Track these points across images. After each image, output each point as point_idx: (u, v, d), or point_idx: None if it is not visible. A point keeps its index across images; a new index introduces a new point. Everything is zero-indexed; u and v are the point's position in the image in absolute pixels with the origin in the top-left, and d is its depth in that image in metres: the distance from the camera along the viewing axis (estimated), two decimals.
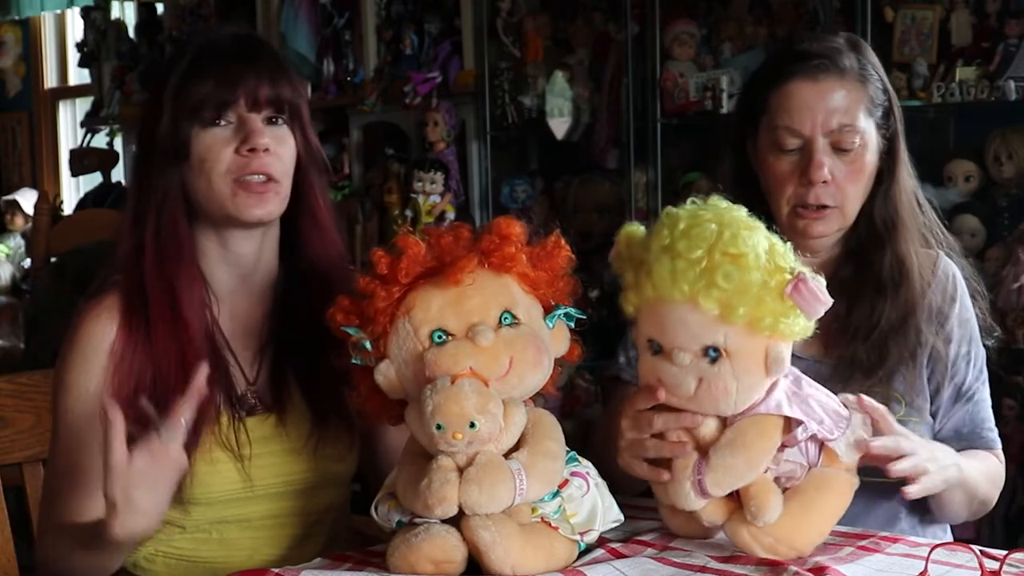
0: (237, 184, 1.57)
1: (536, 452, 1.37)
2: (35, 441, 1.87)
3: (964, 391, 1.81)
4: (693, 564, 1.45)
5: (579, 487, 1.43)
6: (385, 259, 1.41)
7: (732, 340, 1.40)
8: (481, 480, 1.32)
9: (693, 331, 1.40)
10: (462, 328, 1.38)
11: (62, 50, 6.76)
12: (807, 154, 1.75)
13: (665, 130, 3.72)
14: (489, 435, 1.34)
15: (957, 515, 1.79)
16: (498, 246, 1.41)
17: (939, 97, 3.19)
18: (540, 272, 1.44)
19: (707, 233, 1.40)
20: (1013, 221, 3.21)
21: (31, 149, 6.76)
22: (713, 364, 1.41)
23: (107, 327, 1.60)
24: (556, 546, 1.41)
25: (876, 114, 1.79)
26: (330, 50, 4.63)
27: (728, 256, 1.38)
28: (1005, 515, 3.06)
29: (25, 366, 3.40)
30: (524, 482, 1.34)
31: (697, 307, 1.39)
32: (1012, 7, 3.21)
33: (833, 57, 1.76)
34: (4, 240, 5.84)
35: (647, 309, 1.45)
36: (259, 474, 1.61)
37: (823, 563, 1.44)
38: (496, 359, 1.37)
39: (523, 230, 1.44)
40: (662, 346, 1.43)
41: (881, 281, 1.78)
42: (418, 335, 1.39)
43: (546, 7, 4.21)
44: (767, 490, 1.44)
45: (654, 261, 1.42)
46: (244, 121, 1.57)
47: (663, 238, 1.43)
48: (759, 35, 3.66)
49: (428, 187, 4.17)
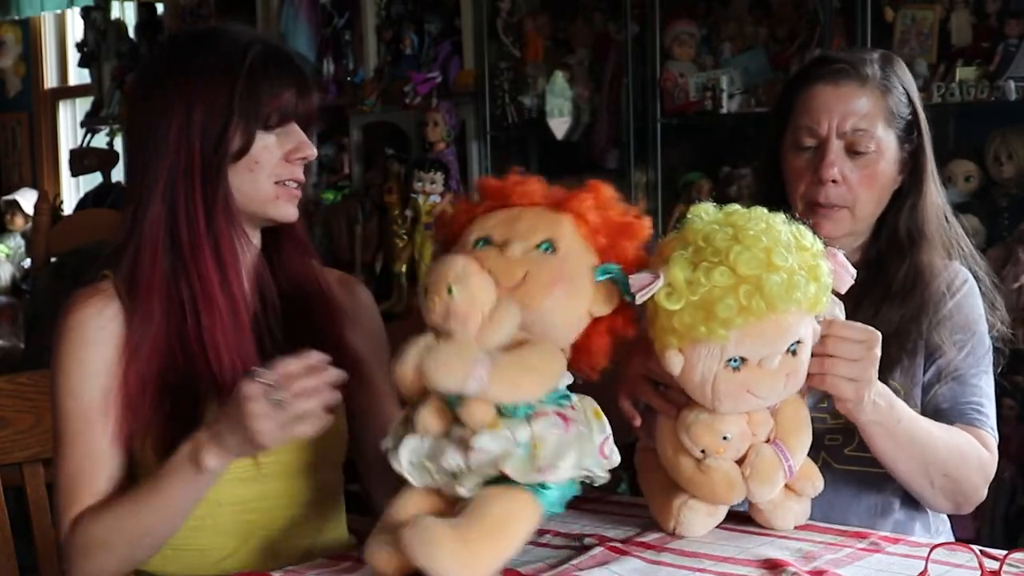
0: (279, 186, 1.65)
1: (514, 357, 1.37)
2: (35, 441, 1.87)
3: (950, 371, 1.81)
4: (692, 565, 1.46)
5: (554, 425, 1.37)
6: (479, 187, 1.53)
7: (806, 331, 1.47)
8: (438, 352, 1.35)
9: (788, 335, 1.44)
10: (503, 241, 1.42)
11: (62, 50, 6.76)
12: (821, 153, 1.82)
13: (665, 130, 3.72)
14: (464, 311, 1.35)
15: (911, 479, 1.72)
16: (571, 191, 1.47)
17: (939, 97, 3.19)
18: (603, 225, 1.46)
19: (783, 238, 1.43)
20: (1013, 221, 3.21)
21: (31, 149, 6.75)
22: (795, 356, 1.47)
23: (105, 312, 1.62)
24: (501, 543, 1.35)
25: (898, 125, 1.84)
26: (330, 50, 4.64)
27: (809, 252, 1.44)
28: (1005, 515, 3.05)
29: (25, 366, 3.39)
30: (484, 374, 1.33)
31: (797, 310, 1.43)
32: (1012, 7, 3.21)
33: (857, 65, 1.84)
34: (4, 240, 5.84)
35: (744, 328, 1.42)
36: (266, 453, 1.63)
37: (822, 566, 1.44)
38: (510, 270, 1.39)
39: (609, 192, 1.49)
40: (746, 359, 1.45)
41: (891, 288, 1.82)
42: (467, 240, 1.45)
43: (546, 7, 4.21)
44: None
45: (761, 283, 1.40)
46: (294, 130, 1.65)
47: (740, 262, 1.40)
48: (759, 35, 3.67)
49: (428, 187, 4.18)
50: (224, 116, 1.60)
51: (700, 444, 1.50)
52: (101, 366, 1.60)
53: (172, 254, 1.62)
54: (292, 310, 1.71)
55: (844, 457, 1.78)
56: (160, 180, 1.61)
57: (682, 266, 1.42)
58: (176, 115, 1.60)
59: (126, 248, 1.63)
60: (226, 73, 1.61)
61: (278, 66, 1.64)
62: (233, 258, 1.63)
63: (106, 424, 1.60)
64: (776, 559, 1.45)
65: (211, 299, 1.61)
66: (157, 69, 1.67)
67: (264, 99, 1.61)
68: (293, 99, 1.64)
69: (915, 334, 1.81)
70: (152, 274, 1.61)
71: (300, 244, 1.75)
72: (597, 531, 1.59)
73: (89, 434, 1.60)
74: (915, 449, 1.68)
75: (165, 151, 1.61)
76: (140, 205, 1.62)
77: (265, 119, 1.62)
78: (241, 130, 1.60)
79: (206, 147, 1.60)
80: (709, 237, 1.43)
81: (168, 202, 1.61)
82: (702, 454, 1.51)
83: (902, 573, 1.42)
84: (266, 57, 1.63)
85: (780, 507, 1.56)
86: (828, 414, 1.75)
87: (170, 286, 1.62)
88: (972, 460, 1.75)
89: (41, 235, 4.34)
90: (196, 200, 1.61)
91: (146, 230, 1.62)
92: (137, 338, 1.61)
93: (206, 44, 1.64)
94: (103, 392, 1.60)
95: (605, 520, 1.65)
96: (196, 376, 1.60)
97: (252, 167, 1.62)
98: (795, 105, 1.86)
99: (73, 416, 1.61)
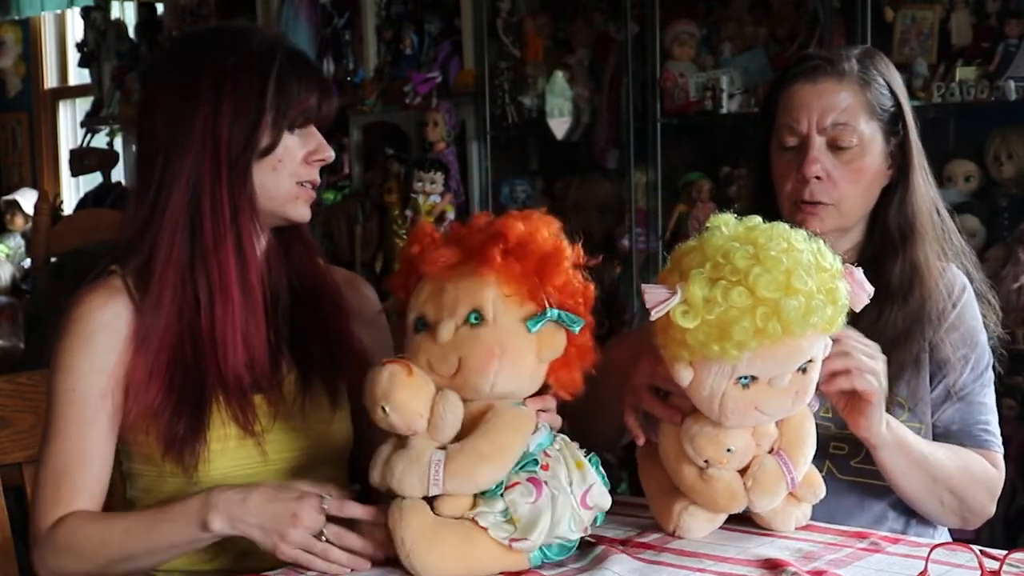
0: (299, 186, 1.67)
1: (465, 449, 1.39)
2: (35, 441, 1.87)
3: (957, 390, 1.81)
4: (692, 565, 1.45)
5: (526, 493, 1.40)
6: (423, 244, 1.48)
7: (818, 350, 1.46)
8: (395, 465, 1.39)
9: (800, 356, 1.44)
10: (437, 319, 1.41)
11: (62, 50, 6.76)
12: (803, 150, 1.80)
13: (665, 130, 3.72)
14: (403, 423, 1.39)
15: (917, 495, 1.73)
16: (481, 243, 1.42)
17: (939, 97, 3.19)
18: (525, 270, 1.41)
19: (804, 260, 1.42)
20: (1013, 221, 3.20)
21: (31, 149, 6.76)
22: (805, 374, 1.46)
23: (110, 308, 1.62)
24: (478, 550, 1.40)
25: (881, 118, 1.82)
26: (330, 50, 4.64)
27: (828, 274, 1.44)
28: (1005, 515, 3.06)
29: (25, 366, 3.39)
30: (440, 474, 1.37)
31: (812, 333, 1.43)
32: (1012, 7, 3.21)
33: (834, 61, 1.83)
34: (4, 240, 5.84)
35: (758, 350, 1.42)
36: (271, 447, 1.66)
37: (822, 566, 1.44)
38: (445, 358, 1.40)
39: (520, 228, 1.42)
40: (757, 378, 1.44)
41: (891, 288, 1.80)
42: (408, 318, 1.45)
43: (546, 7, 4.21)
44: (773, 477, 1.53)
45: (779, 307, 1.39)
46: (313, 132, 1.67)
47: (760, 284, 1.39)
48: (759, 35, 3.66)
49: (428, 187, 4.18)
50: (255, 113, 1.61)
51: (703, 455, 1.50)
52: (102, 365, 1.61)
53: (191, 244, 1.62)
54: (300, 307, 1.72)
55: (850, 468, 1.78)
56: (184, 170, 1.61)
57: (701, 284, 1.40)
58: (204, 104, 1.60)
59: (142, 237, 1.63)
60: (259, 71, 1.62)
61: (306, 69, 1.67)
62: (253, 252, 1.64)
63: (99, 424, 1.60)
64: (776, 559, 1.45)
65: (227, 291, 1.61)
66: (183, 60, 1.66)
67: (293, 100, 1.63)
68: (317, 102, 1.65)
69: (920, 339, 1.79)
70: (168, 262, 1.62)
71: (307, 243, 1.77)
72: (597, 531, 1.59)
73: (81, 432, 1.60)
74: (924, 469, 1.70)
75: (189, 141, 1.61)
76: (160, 193, 1.62)
77: (292, 120, 1.63)
78: (270, 129, 1.62)
79: (234, 141, 1.61)
80: (729, 254, 1.41)
81: (192, 192, 1.61)
82: (705, 464, 1.50)
83: (902, 573, 1.42)
84: (293, 59, 1.65)
85: (781, 513, 1.56)
86: (833, 423, 1.75)
87: (185, 277, 1.62)
88: (980, 479, 1.77)
89: (41, 235, 4.33)
90: (222, 192, 1.61)
91: (167, 218, 1.62)
92: (146, 329, 1.61)
93: (238, 41, 1.64)
94: (100, 392, 1.60)
95: (605, 520, 1.64)
96: (204, 370, 1.61)
97: (276, 166, 1.64)
98: (777, 106, 1.85)
99: (67, 412, 1.61)
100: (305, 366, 1.71)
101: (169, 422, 1.60)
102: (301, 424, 1.69)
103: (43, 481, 1.62)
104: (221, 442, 1.63)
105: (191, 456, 1.60)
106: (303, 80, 1.64)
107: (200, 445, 1.61)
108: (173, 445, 1.60)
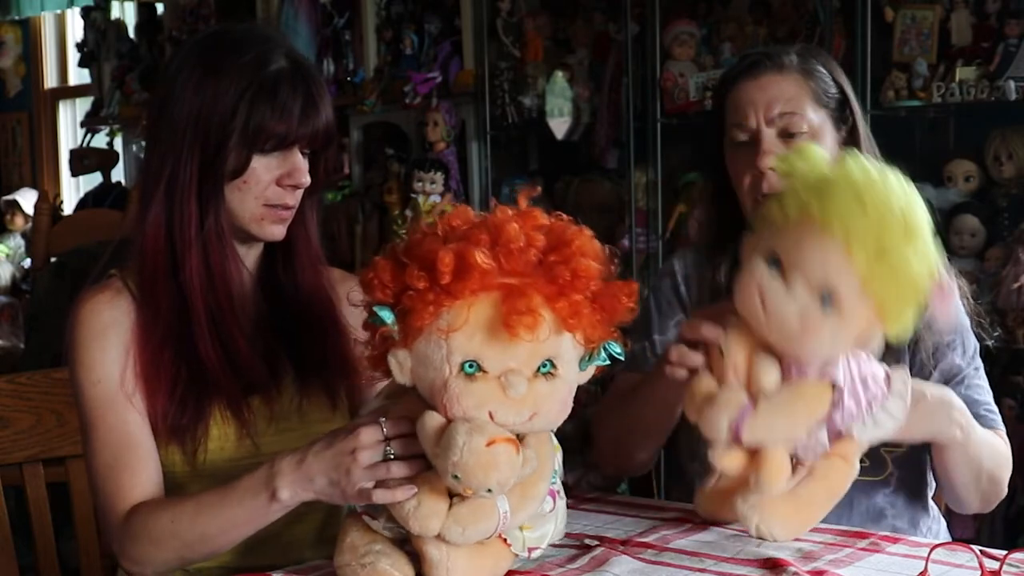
0: (267, 207, 1.64)
1: (527, 495, 1.36)
2: (35, 441, 1.87)
3: (954, 374, 1.82)
4: (692, 565, 1.46)
5: (548, 503, 1.41)
6: (449, 267, 1.31)
7: (849, 292, 1.40)
8: (466, 522, 1.33)
9: (822, 267, 1.40)
10: (497, 369, 1.30)
11: (62, 50, 6.76)
12: (755, 144, 1.82)
13: (665, 130, 3.72)
14: (499, 492, 1.32)
15: (965, 488, 1.75)
16: (572, 304, 1.32)
17: (939, 97, 3.18)
18: (594, 318, 1.35)
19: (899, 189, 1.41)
20: (1013, 221, 3.20)
21: (31, 149, 6.76)
22: (821, 308, 1.42)
23: (117, 303, 1.64)
24: (502, 563, 1.41)
25: (828, 106, 1.84)
26: (330, 50, 4.64)
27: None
28: (1005, 515, 3.06)
29: (25, 366, 3.40)
30: (507, 522, 1.35)
31: (847, 248, 1.39)
32: (1012, 7, 3.20)
33: (773, 56, 1.86)
34: (4, 240, 5.84)
35: (792, 228, 1.43)
36: (268, 449, 1.64)
37: (822, 566, 1.44)
38: (519, 411, 1.31)
39: (599, 265, 1.34)
40: (783, 266, 1.42)
41: None
42: (450, 359, 1.31)
43: (546, 7, 4.21)
44: (779, 467, 1.46)
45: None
46: (292, 155, 1.64)
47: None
48: (759, 35, 3.66)
49: (428, 187, 4.18)
50: (221, 136, 1.60)
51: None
52: (121, 351, 1.62)
53: (170, 251, 1.63)
54: (301, 312, 1.72)
55: None
56: (163, 179, 1.62)
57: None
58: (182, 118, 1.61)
59: (133, 240, 1.65)
60: (235, 92, 1.60)
61: (289, 91, 1.61)
62: (221, 264, 1.63)
63: (134, 408, 1.61)
64: (776, 559, 1.45)
65: (194, 302, 1.62)
66: (181, 59, 1.66)
67: (263, 126, 1.60)
68: (292, 128, 1.61)
69: None
70: (155, 265, 1.63)
71: (313, 252, 1.75)
72: (597, 531, 1.59)
73: (119, 417, 1.61)
74: (973, 463, 1.73)
75: (170, 153, 1.62)
76: (144, 198, 1.64)
77: (260, 145, 1.61)
78: (236, 153, 1.60)
79: (204, 160, 1.61)
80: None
81: (168, 202, 1.63)
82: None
83: (902, 573, 1.42)
84: (277, 79, 1.61)
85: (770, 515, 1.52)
86: None
87: (170, 280, 1.63)
88: (1005, 460, 1.80)
89: (41, 235, 4.33)
90: (191, 205, 1.62)
91: (148, 224, 1.63)
92: (148, 327, 1.63)
93: (233, 47, 1.63)
94: (124, 376, 1.61)
95: (605, 520, 1.65)
96: (205, 368, 1.62)
97: (241, 187, 1.63)
98: (725, 109, 1.87)
99: (101, 403, 1.61)
100: (303, 369, 1.71)
101: (174, 417, 1.61)
102: (299, 425, 1.69)
103: (99, 475, 1.62)
104: (219, 441, 1.64)
105: (191, 443, 1.62)
106: (278, 105, 1.60)
107: (201, 434, 1.62)
108: (175, 440, 1.61)
